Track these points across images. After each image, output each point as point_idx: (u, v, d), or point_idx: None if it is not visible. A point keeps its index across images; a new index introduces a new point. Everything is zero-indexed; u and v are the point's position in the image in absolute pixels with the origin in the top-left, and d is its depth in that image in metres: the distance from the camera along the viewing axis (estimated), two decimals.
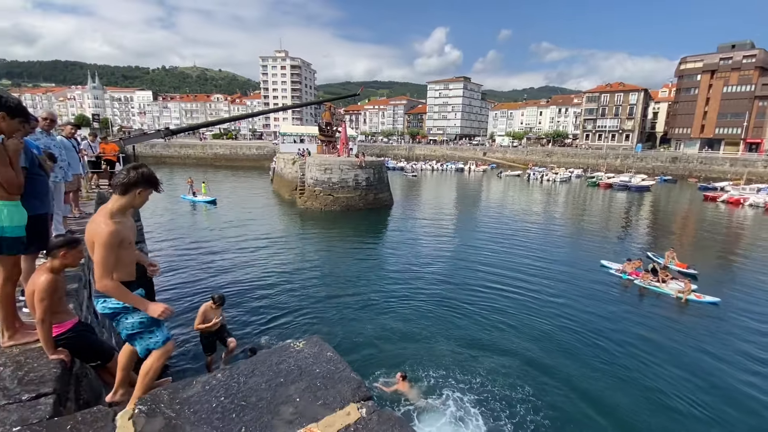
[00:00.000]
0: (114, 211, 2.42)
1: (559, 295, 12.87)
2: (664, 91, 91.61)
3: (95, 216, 2.44)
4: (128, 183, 2.42)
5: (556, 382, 8.16)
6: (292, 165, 32.42)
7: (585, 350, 9.54)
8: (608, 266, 15.63)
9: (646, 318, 11.65)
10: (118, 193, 2.43)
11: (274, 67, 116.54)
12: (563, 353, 9.35)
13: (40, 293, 2.50)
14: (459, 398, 7.45)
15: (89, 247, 2.41)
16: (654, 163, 63.20)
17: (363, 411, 2.23)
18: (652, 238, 22.81)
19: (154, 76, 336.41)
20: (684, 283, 13.21)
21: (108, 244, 2.31)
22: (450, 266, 15.81)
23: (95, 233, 2.34)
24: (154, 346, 2.51)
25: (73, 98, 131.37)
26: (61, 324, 2.68)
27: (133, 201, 2.48)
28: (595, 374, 8.56)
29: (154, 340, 2.52)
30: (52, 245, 2.73)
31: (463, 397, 7.49)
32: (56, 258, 2.68)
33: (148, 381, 2.54)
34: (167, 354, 2.60)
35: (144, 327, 2.49)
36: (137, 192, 2.46)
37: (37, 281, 2.56)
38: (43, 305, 2.49)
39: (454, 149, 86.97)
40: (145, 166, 2.56)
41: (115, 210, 2.43)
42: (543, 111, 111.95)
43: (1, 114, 2.59)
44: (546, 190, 44.86)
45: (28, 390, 2.35)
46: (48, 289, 2.53)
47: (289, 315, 10.76)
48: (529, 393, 7.71)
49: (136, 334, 2.48)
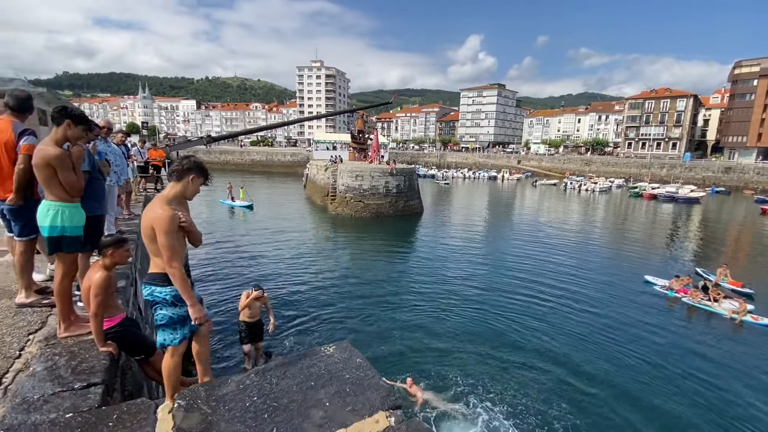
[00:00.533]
0: (170, 198, 2.56)
1: (600, 310, 12.25)
2: (716, 97, 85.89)
3: (152, 204, 2.55)
4: (182, 169, 2.58)
5: (595, 401, 7.74)
6: (325, 171, 33.07)
7: (627, 370, 8.97)
8: (653, 282, 14.68)
9: (696, 339, 10.80)
10: (173, 180, 2.60)
11: (310, 77, 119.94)
12: (603, 370, 8.85)
13: (95, 289, 2.69)
14: (490, 409, 7.25)
15: (146, 235, 2.49)
16: (704, 174, 59.11)
17: (392, 420, 2.22)
18: (702, 254, 21.27)
19: (198, 86, 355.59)
20: (739, 303, 12.19)
21: (168, 229, 2.44)
22: (482, 274, 15.47)
23: (154, 219, 2.44)
24: (169, 343, 2.59)
25: (125, 107, 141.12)
26: (111, 318, 2.86)
27: (186, 188, 2.61)
28: (639, 396, 8.02)
29: (171, 337, 2.60)
30: (102, 244, 2.92)
31: (494, 408, 7.29)
32: (106, 256, 2.87)
33: (169, 379, 2.61)
34: (179, 352, 2.68)
35: (169, 323, 2.58)
36: (190, 178, 2.60)
37: (92, 278, 2.75)
38: (97, 300, 2.68)
39: (486, 157, 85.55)
40: (195, 157, 2.73)
41: (171, 197, 2.57)
42: (581, 118, 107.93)
43: (67, 122, 2.85)
44: (584, 200, 43.07)
45: (80, 379, 2.51)
46: (102, 285, 2.71)
47: (318, 319, 10.90)
48: (566, 410, 7.36)
49: (160, 326, 2.59)
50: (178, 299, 2.55)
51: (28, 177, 3.17)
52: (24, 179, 3.17)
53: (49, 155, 2.76)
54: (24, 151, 3.14)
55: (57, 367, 2.63)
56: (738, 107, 69.55)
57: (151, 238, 2.48)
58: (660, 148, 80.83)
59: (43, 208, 2.84)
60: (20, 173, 3.14)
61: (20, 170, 3.14)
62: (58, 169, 2.79)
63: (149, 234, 2.48)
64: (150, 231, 2.46)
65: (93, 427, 2.09)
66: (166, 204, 2.51)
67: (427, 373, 8.32)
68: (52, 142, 2.83)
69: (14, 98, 3.36)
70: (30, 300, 3.48)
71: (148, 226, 2.47)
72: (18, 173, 3.15)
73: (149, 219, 2.47)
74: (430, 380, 8.10)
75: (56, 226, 2.81)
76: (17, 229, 3.36)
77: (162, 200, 2.53)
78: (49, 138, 2.89)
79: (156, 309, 2.57)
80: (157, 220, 2.43)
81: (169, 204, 2.53)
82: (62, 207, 2.84)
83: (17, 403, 2.27)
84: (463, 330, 10.57)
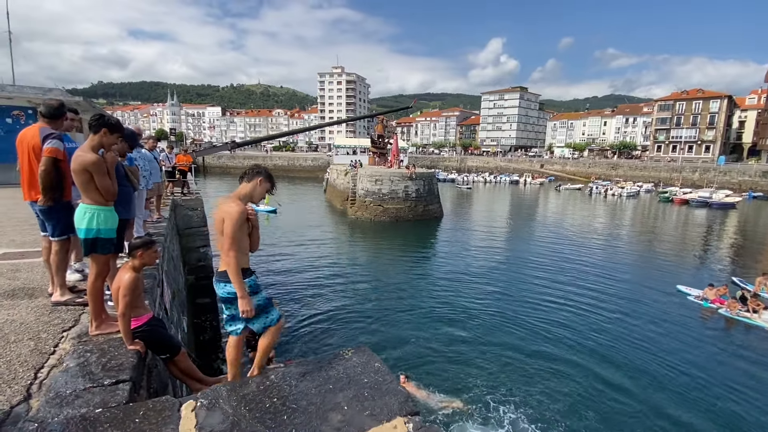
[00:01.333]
0: (241, 196, 2.85)
1: (630, 319, 11.79)
2: (752, 97, 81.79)
3: (226, 200, 2.80)
4: (253, 173, 2.90)
5: (623, 414, 7.44)
6: (345, 176, 33.36)
7: (658, 383, 8.57)
8: (686, 292, 14.01)
9: (735, 353, 10.17)
10: (245, 182, 2.89)
11: (331, 83, 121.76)
12: (633, 383, 8.48)
13: (123, 290, 2.79)
14: (510, 414, 7.10)
15: (218, 228, 2.73)
16: (740, 178, 56.23)
17: (410, 426, 2.20)
18: (739, 262, 20.18)
19: (223, 93, 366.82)
20: None
21: (237, 220, 2.66)
22: (503, 281, 15.19)
23: (226, 212, 2.67)
24: (270, 324, 2.87)
25: (155, 114, 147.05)
26: (138, 318, 2.96)
27: (255, 189, 2.89)
28: (671, 412, 7.64)
29: (270, 318, 2.88)
30: (132, 246, 3.04)
31: (514, 414, 7.13)
32: (135, 258, 2.98)
33: (263, 356, 2.93)
34: (280, 330, 2.97)
35: (260, 309, 2.82)
36: (258, 181, 2.89)
37: (122, 278, 2.87)
38: (125, 300, 2.78)
39: (508, 161, 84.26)
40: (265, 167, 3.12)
41: (242, 195, 2.85)
42: (608, 121, 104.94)
43: (104, 130, 3.02)
44: (611, 205, 41.75)
45: (110, 376, 2.61)
46: (131, 286, 2.82)
47: (337, 323, 10.96)
48: (594, 420, 7.11)
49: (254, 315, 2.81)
50: (253, 289, 2.81)
51: (51, 178, 3.29)
52: (47, 180, 3.29)
53: (86, 161, 2.91)
54: (46, 154, 3.28)
55: (88, 364, 2.74)
56: None
57: (222, 231, 2.70)
58: (692, 151, 77.61)
59: (80, 212, 2.98)
60: (42, 175, 3.28)
61: (42, 172, 3.27)
62: (94, 174, 2.93)
63: (221, 227, 2.70)
64: (221, 224, 2.69)
65: (120, 423, 2.16)
66: (238, 199, 2.79)
67: (446, 377, 8.22)
68: (89, 149, 2.98)
69: (46, 106, 3.57)
70: (65, 298, 3.65)
71: (220, 219, 2.70)
72: (40, 175, 3.29)
73: (222, 212, 2.69)
74: (448, 384, 8.00)
75: (92, 228, 2.95)
76: (50, 229, 3.52)
77: (235, 197, 2.82)
78: (86, 144, 3.04)
79: (237, 303, 2.77)
80: (228, 212, 2.67)
81: (241, 200, 2.81)
82: (98, 210, 2.98)
83: (51, 397, 2.37)
84: (483, 336, 10.39)
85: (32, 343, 2.93)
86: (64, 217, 3.46)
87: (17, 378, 2.51)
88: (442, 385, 7.94)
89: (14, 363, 2.67)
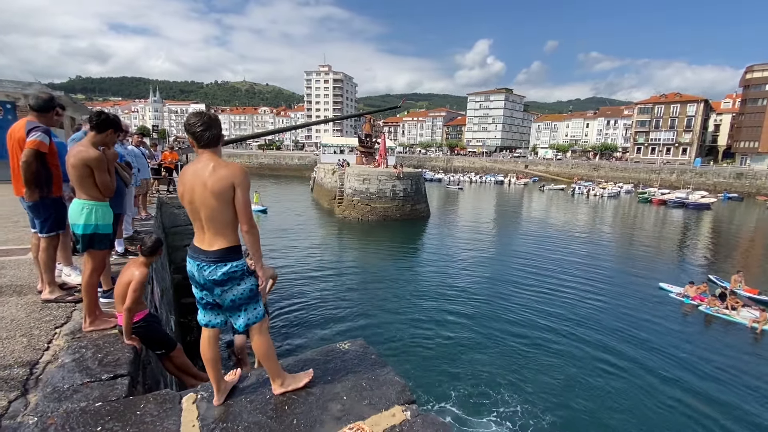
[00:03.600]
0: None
1: (613, 316, 12.12)
2: (727, 102, 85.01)
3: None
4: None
5: (605, 410, 7.70)
6: (332, 175, 33.29)
7: (642, 376, 8.88)
8: (668, 289, 14.45)
9: (716, 350, 10.45)
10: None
11: (318, 81, 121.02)
12: (618, 377, 8.76)
13: (135, 284, 2.82)
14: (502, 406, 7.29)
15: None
16: (716, 179, 58.39)
17: (408, 414, 2.28)
18: (715, 260, 20.99)
19: (207, 90, 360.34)
20: (759, 312, 11.94)
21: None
22: (489, 280, 15.46)
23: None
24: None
25: (136, 111, 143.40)
26: (139, 313, 2.98)
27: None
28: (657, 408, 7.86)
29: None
30: (153, 246, 3.08)
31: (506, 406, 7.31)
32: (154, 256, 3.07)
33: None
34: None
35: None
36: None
37: (134, 273, 2.89)
38: (135, 295, 2.80)
39: (493, 161, 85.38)
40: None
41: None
42: (590, 123, 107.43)
43: (110, 130, 3.04)
44: (593, 206, 42.78)
45: (107, 371, 2.62)
46: (143, 281, 2.86)
47: (326, 320, 11.00)
48: (581, 413, 7.35)
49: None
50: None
51: (33, 170, 3.19)
52: (29, 173, 3.19)
53: (89, 157, 2.91)
54: (29, 146, 3.18)
55: (84, 359, 2.74)
56: (750, 112, 68.74)
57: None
58: (670, 153, 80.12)
59: (77, 207, 2.96)
60: (23, 167, 3.17)
61: (23, 164, 3.17)
62: (95, 170, 2.93)
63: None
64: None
65: (122, 416, 2.18)
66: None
67: (436, 369, 8.35)
68: (89, 145, 2.98)
69: (35, 99, 3.50)
70: (55, 296, 3.60)
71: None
72: (21, 166, 3.18)
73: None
74: (436, 375, 8.14)
75: (90, 224, 2.94)
76: (39, 225, 3.47)
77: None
78: (87, 140, 3.04)
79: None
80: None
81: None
82: (95, 206, 2.97)
83: (49, 392, 2.37)
84: (469, 330, 10.60)
85: (25, 340, 2.90)
86: (53, 213, 3.42)
87: (12, 374, 2.50)
88: (430, 376, 8.07)
89: (8, 359, 2.65)
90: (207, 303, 2.30)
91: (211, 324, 2.34)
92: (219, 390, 2.33)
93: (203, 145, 2.18)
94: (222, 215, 2.12)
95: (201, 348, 2.36)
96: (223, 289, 2.18)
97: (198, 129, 2.15)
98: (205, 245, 2.15)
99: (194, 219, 2.18)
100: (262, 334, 2.33)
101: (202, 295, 2.27)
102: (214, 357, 2.34)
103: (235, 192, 2.10)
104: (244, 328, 2.30)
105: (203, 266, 2.15)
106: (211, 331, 2.35)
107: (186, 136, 2.26)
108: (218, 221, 2.12)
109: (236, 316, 2.28)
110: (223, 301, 2.23)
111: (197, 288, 2.26)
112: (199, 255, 2.16)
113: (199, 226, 2.18)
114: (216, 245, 2.14)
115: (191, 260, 2.20)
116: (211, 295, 2.24)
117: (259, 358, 2.37)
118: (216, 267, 2.13)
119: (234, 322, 2.32)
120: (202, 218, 2.14)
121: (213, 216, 2.11)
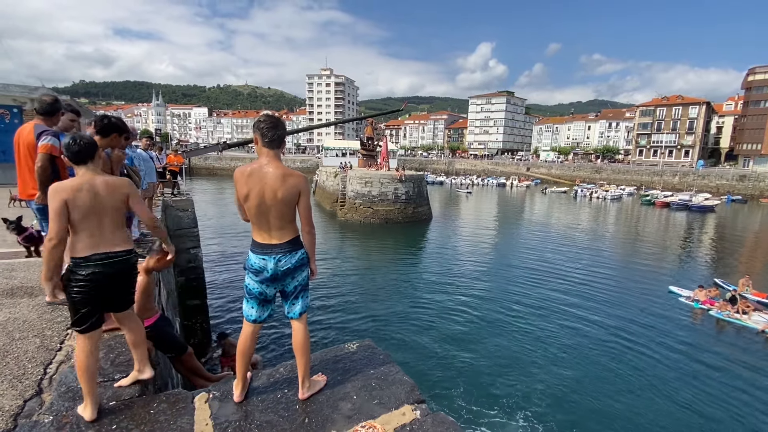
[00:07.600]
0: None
1: (622, 320, 11.93)
2: (729, 104, 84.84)
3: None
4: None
5: (614, 417, 7.64)
6: (334, 178, 33.36)
7: (652, 382, 8.71)
8: (678, 293, 14.23)
9: (728, 356, 10.14)
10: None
11: (320, 84, 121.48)
12: (628, 385, 8.59)
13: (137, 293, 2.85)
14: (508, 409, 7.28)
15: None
16: (718, 182, 58.17)
17: (417, 413, 2.30)
18: (720, 263, 20.83)
19: (210, 93, 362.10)
20: None
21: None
22: (491, 283, 15.43)
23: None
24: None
25: (139, 114, 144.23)
26: (148, 319, 3.01)
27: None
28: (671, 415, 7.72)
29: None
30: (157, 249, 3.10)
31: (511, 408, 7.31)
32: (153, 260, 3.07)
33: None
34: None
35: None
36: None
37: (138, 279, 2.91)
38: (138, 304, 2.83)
39: (495, 164, 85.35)
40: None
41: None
42: (591, 125, 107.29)
43: (114, 134, 3.11)
44: (595, 208, 42.68)
45: (119, 371, 2.65)
46: (143, 288, 2.88)
47: (331, 322, 11.01)
48: (590, 419, 7.32)
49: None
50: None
51: (48, 175, 3.30)
52: (44, 177, 3.29)
53: None
54: (41, 150, 3.30)
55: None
56: (752, 114, 68.55)
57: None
58: (672, 155, 79.90)
59: None
60: (39, 171, 3.29)
61: (38, 168, 3.29)
62: None
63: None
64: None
65: (135, 414, 2.21)
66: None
67: (439, 372, 8.35)
68: None
69: (40, 103, 3.59)
70: (61, 297, 3.64)
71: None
72: (37, 171, 3.30)
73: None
74: (441, 377, 8.13)
75: None
76: (47, 227, 3.53)
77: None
78: None
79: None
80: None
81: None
82: None
83: (63, 391, 2.40)
84: (473, 332, 10.58)
85: (38, 340, 2.94)
86: None
87: (27, 373, 2.53)
88: (438, 375, 8.07)
89: (22, 359, 2.68)
90: (265, 299, 2.43)
91: (260, 319, 2.48)
92: (244, 386, 2.44)
93: (267, 142, 2.36)
94: (288, 215, 2.37)
95: (241, 343, 2.47)
96: (293, 276, 2.41)
97: (265, 126, 2.36)
98: (276, 239, 2.35)
99: (260, 218, 2.34)
100: (306, 324, 2.52)
101: (263, 289, 2.39)
102: (251, 352, 2.50)
103: (300, 198, 2.37)
104: (299, 315, 2.48)
105: (280, 257, 2.34)
106: (256, 326, 2.49)
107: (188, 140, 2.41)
108: (286, 219, 2.37)
109: (296, 303, 2.48)
110: (288, 287, 2.44)
111: (264, 283, 2.36)
112: (274, 249, 2.35)
113: (266, 225, 2.35)
114: (286, 237, 2.37)
115: (265, 257, 2.34)
116: (280, 284, 2.42)
117: (301, 348, 2.46)
118: (292, 255, 2.37)
119: (291, 310, 2.49)
120: (270, 218, 2.33)
121: (282, 215, 2.34)
